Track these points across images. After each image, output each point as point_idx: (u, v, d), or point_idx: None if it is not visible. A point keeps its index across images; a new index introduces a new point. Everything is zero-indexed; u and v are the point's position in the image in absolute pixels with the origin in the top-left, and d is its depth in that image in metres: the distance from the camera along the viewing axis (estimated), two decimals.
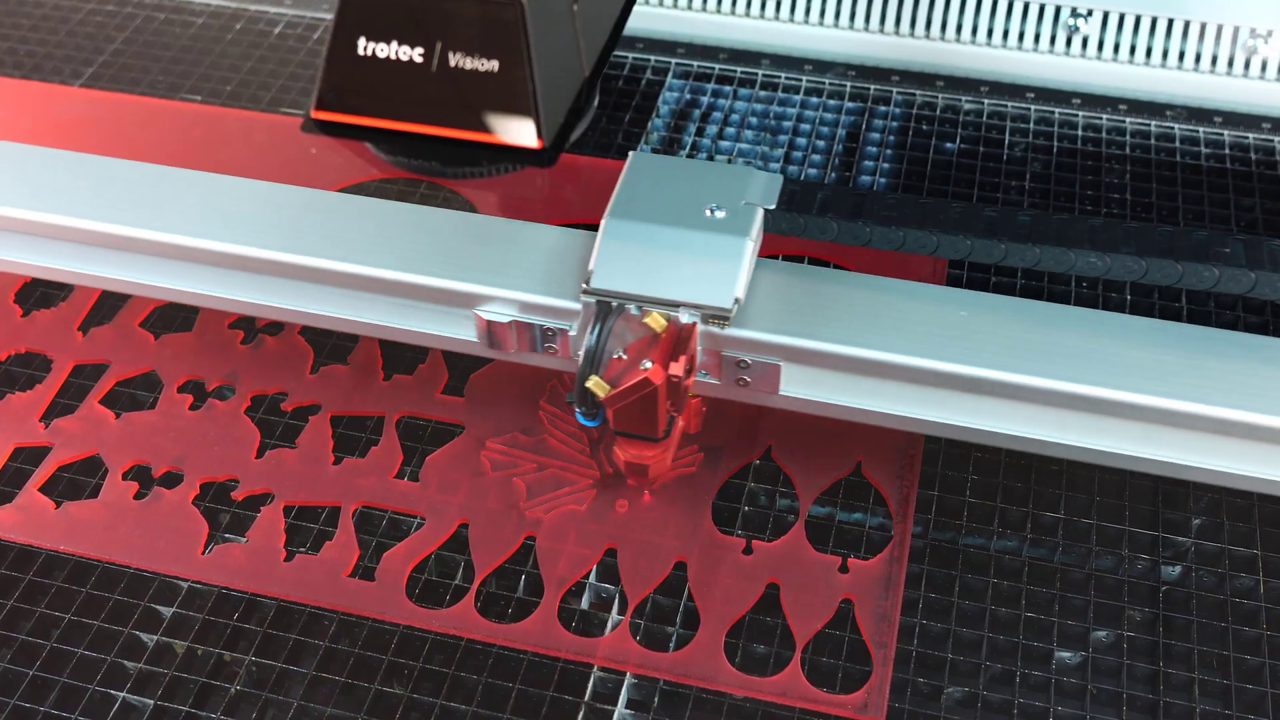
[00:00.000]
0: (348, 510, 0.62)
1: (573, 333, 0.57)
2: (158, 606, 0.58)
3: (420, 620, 0.57)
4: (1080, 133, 0.81)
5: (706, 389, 0.58)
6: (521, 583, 0.59)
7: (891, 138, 0.81)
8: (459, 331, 0.60)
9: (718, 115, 0.83)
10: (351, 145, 0.79)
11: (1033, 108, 0.83)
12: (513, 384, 0.67)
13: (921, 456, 0.63)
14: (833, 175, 0.78)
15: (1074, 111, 0.83)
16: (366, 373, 0.68)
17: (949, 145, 0.81)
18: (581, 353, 0.54)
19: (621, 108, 0.83)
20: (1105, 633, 0.57)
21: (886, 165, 0.79)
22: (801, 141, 0.81)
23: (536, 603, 0.58)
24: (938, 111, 0.83)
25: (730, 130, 0.82)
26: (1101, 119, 0.82)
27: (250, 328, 0.70)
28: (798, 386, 0.57)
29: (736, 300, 0.54)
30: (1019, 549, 0.60)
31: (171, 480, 0.63)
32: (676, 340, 0.54)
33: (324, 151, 0.80)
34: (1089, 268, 0.56)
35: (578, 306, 0.56)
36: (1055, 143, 0.81)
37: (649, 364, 0.53)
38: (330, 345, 0.69)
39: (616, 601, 0.58)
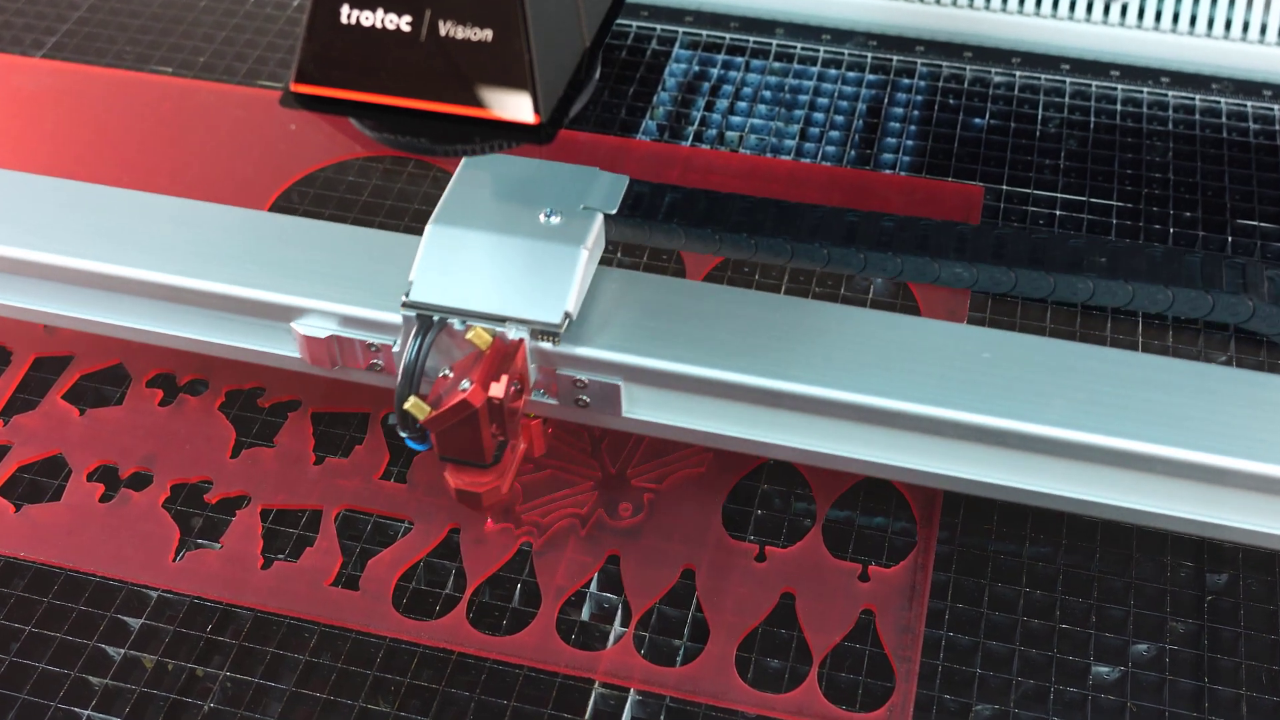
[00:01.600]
0: (330, 514, 0.61)
1: (396, 348, 0.56)
2: (125, 618, 0.58)
3: (408, 632, 0.57)
4: (1119, 107, 0.81)
5: (544, 409, 0.58)
6: (517, 592, 0.59)
7: (916, 113, 0.81)
8: (281, 347, 0.59)
9: (728, 89, 0.82)
10: (334, 120, 0.79)
11: (1068, 80, 0.83)
12: None
13: None
14: (852, 153, 0.78)
15: (1112, 84, 0.82)
16: None
17: (978, 121, 0.80)
18: (400, 371, 0.53)
19: (625, 80, 0.83)
20: (1146, 646, 0.57)
21: (910, 143, 0.79)
22: (819, 117, 0.80)
23: (533, 614, 0.58)
24: (966, 84, 0.83)
25: (742, 105, 0.81)
26: (1142, 92, 0.82)
27: None
28: (643, 409, 0.57)
29: (567, 315, 0.54)
30: (1053, 555, 0.60)
31: (140, 482, 0.63)
32: (501, 359, 0.53)
33: (304, 127, 0.80)
34: (954, 279, 0.56)
35: (399, 320, 0.55)
36: (1092, 118, 0.80)
37: (468, 384, 0.52)
38: None
39: (619, 612, 0.58)
